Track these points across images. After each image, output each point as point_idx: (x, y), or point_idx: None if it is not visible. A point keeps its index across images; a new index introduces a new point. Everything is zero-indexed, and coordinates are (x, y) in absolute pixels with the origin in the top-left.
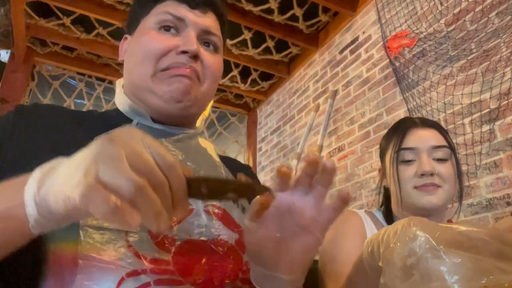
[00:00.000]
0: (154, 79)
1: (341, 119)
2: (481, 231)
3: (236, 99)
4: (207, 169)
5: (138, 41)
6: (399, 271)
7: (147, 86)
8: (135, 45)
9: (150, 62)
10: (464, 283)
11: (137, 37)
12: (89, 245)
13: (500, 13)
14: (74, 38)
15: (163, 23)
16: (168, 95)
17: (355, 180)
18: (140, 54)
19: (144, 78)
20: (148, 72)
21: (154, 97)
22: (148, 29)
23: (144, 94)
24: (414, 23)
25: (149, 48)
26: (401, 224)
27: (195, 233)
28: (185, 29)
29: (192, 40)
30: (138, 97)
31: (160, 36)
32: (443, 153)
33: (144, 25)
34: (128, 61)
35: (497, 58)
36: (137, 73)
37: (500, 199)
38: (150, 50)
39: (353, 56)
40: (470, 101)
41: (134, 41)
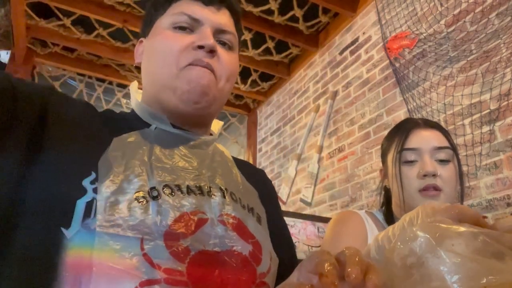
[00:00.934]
0: (176, 79)
1: (341, 120)
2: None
3: (236, 100)
4: (222, 177)
5: (153, 42)
6: (399, 270)
7: (170, 85)
8: (152, 46)
9: (170, 61)
10: (464, 283)
11: (152, 37)
12: (104, 252)
13: (500, 14)
14: (74, 39)
15: (178, 24)
16: (186, 95)
17: (355, 181)
18: (158, 55)
19: (167, 78)
20: (171, 72)
21: (173, 97)
22: (163, 29)
23: (165, 94)
24: (414, 24)
25: (165, 47)
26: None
27: (210, 243)
28: (200, 27)
29: (208, 36)
30: (158, 98)
31: (175, 34)
32: (446, 154)
33: (159, 25)
34: (147, 63)
35: (497, 59)
36: (159, 73)
37: (500, 200)
38: (168, 50)
39: (353, 57)
40: (470, 102)
41: (150, 43)
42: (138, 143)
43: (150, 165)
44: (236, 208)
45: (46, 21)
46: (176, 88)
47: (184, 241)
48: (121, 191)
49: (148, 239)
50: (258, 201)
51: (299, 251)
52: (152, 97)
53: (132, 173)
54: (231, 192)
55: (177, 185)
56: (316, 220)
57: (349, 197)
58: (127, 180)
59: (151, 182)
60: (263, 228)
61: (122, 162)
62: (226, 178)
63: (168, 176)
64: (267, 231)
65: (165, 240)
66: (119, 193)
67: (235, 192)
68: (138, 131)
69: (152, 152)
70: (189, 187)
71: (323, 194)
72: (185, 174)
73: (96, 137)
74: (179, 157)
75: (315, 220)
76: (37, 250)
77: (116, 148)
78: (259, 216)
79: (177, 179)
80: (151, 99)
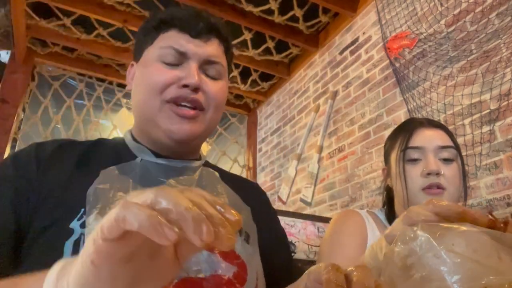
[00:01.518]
0: (159, 113)
1: (341, 120)
2: (483, 231)
3: (236, 100)
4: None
5: (142, 73)
6: (399, 270)
7: (153, 119)
8: (140, 76)
9: (155, 95)
10: (464, 283)
11: (141, 67)
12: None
13: (500, 14)
14: (75, 39)
15: (165, 58)
16: (170, 133)
17: (355, 181)
18: (145, 86)
19: (151, 111)
20: (154, 105)
21: (158, 131)
22: (151, 61)
23: (149, 127)
24: (414, 24)
25: (152, 80)
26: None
27: (193, 270)
28: (186, 60)
29: (193, 73)
30: (143, 129)
31: (162, 68)
32: (449, 153)
33: (147, 56)
34: (135, 92)
35: (497, 59)
36: (144, 106)
37: (500, 200)
38: (153, 83)
39: (353, 57)
40: (470, 102)
41: (138, 71)
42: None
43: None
44: None
45: (46, 21)
46: (159, 123)
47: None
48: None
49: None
50: (249, 218)
51: (299, 250)
52: (139, 128)
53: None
54: None
55: None
56: (316, 220)
57: (349, 197)
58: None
59: None
60: (251, 246)
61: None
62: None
63: None
64: (256, 248)
65: None
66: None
67: None
68: (124, 164)
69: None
70: None
71: (323, 194)
72: None
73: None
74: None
75: (315, 220)
76: None
77: (103, 181)
78: (248, 234)
79: None
80: (137, 130)
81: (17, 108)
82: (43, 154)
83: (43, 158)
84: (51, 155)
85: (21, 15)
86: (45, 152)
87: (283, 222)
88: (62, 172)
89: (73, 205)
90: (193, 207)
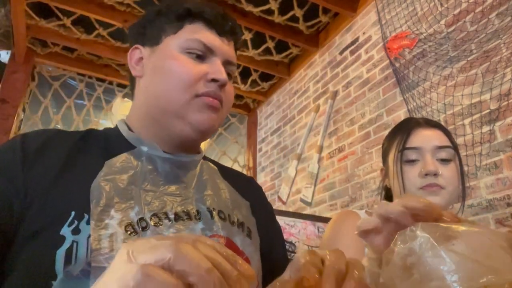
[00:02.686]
0: (187, 106)
1: (341, 120)
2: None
3: (236, 100)
4: (209, 196)
5: (164, 63)
6: (399, 270)
7: (177, 112)
8: (161, 67)
9: (184, 89)
10: (464, 283)
11: (162, 57)
12: None
13: (500, 14)
14: (75, 39)
15: (192, 50)
16: (197, 125)
17: (355, 181)
18: (171, 78)
19: (178, 104)
20: (182, 99)
21: (182, 123)
22: (176, 52)
23: (170, 119)
24: (414, 24)
25: (181, 74)
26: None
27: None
28: (212, 56)
29: (221, 70)
30: (156, 120)
31: (191, 62)
32: (447, 153)
33: (169, 45)
34: (150, 82)
35: (497, 59)
36: (168, 98)
37: (500, 200)
38: (183, 77)
39: (353, 57)
40: (470, 102)
41: (158, 62)
42: (130, 166)
43: (139, 192)
44: (225, 226)
45: (46, 21)
46: (186, 115)
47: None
48: (109, 222)
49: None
50: (248, 213)
51: (299, 251)
52: (149, 118)
53: (122, 203)
54: (219, 210)
55: (164, 212)
56: (316, 220)
57: (349, 197)
58: (118, 210)
59: (140, 212)
60: (252, 242)
61: (111, 190)
62: (213, 196)
63: (156, 204)
64: (257, 243)
65: None
66: (107, 224)
67: (224, 210)
68: (128, 153)
69: (143, 177)
70: (177, 213)
71: (323, 194)
72: (173, 199)
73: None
74: (169, 182)
75: (315, 220)
76: None
77: (107, 173)
78: (249, 229)
79: (165, 206)
80: (147, 121)
81: (17, 108)
82: (29, 148)
83: (29, 152)
84: (38, 149)
85: (21, 15)
86: (31, 145)
87: (283, 222)
88: (50, 168)
89: (63, 208)
90: (213, 270)
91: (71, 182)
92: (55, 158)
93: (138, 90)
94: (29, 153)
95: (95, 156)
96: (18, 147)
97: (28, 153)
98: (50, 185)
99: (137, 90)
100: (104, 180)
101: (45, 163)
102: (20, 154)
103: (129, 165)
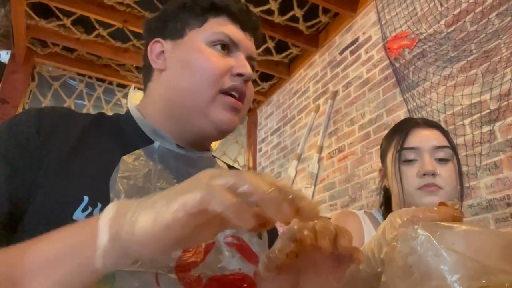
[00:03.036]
0: (212, 102)
1: (341, 120)
2: (483, 231)
3: None
4: None
5: (190, 56)
6: (400, 269)
7: (202, 108)
8: (186, 59)
9: (211, 83)
10: (464, 282)
11: (188, 51)
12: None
13: (500, 14)
14: (74, 39)
15: (219, 43)
16: (220, 124)
17: (355, 181)
18: (197, 72)
19: (203, 100)
20: (209, 94)
21: (204, 120)
22: (202, 45)
23: (193, 114)
24: (414, 24)
25: (209, 68)
26: (383, 225)
27: (218, 267)
28: (236, 51)
29: (246, 64)
30: (175, 115)
31: (217, 55)
32: (445, 153)
33: (195, 38)
34: (174, 75)
35: (497, 59)
36: (194, 93)
37: (500, 200)
38: (210, 71)
39: (353, 57)
40: (470, 102)
41: (182, 54)
42: (144, 164)
43: (154, 191)
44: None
45: (46, 21)
46: (209, 113)
47: (195, 271)
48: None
49: (161, 274)
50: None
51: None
52: (169, 112)
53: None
54: None
55: None
56: None
57: (349, 197)
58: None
59: None
60: (263, 242)
61: (130, 188)
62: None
63: None
64: (266, 243)
65: (177, 272)
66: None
67: None
68: (142, 150)
69: (157, 175)
70: None
71: (323, 194)
72: None
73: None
74: (182, 179)
75: None
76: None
77: (124, 170)
78: (260, 233)
79: None
80: (166, 115)
81: (17, 108)
82: (45, 122)
83: (46, 126)
84: (54, 125)
85: (21, 15)
86: (47, 120)
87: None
88: (63, 147)
89: (75, 192)
90: (273, 189)
91: (83, 166)
92: (66, 137)
93: (158, 83)
94: (45, 127)
95: (108, 142)
96: (33, 121)
97: (44, 127)
98: (62, 164)
99: (156, 83)
100: (123, 178)
101: (58, 141)
102: (35, 129)
103: (144, 162)
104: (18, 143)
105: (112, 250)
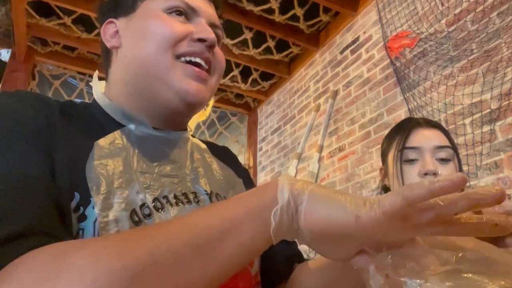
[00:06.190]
0: (171, 70)
1: (341, 119)
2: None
3: (237, 99)
4: (204, 177)
5: (144, 23)
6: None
7: (162, 78)
8: (141, 28)
9: (166, 49)
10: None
11: (142, 19)
12: None
13: (501, 14)
14: (75, 38)
15: (175, 8)
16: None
17: (355, 180)
18: (151, 39)
19: (161, 68)
20: (166, 61)
21: (168, 91)
22: (157, 12)
23: (153, 84)
24: (415, 23)
25: (163, 32)
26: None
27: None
28: (196, 17)
29: (208, 29)
30: (142, 92)
31: (173, 20)
32: (446, 153)
33: (148, 7)
34: (131, 46)
35: (498, 58)
36: (150, 61)
37: None
38: (164, 35)
39: (353, 56)
40: (471, 101)
41: (136, 24)
42: (121, 148)
43: (136, 175)
44: None
45: (46, 19)
46: (171, 82)
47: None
48: (112, 209)
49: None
50: (240, 185)
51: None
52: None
53: (123, 188)
54: (216, 193)
55: (165, 196)
56: None
57: None
58: (120, 197)
59: (140, 198)
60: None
61: (108, 175)
62: (208, 177)
63: (155, 187)
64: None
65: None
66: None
67: (219, 191)
68: (118, 132)
69: (137, 159)
70: (177, 196)
71: None
72: (171, 181)
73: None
74: (163, 162)
75: None
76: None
77: (100, 156)
78: None
79: (164, 189)
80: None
81: None
82: (51, 111)
83: (51, 116)
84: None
85: (22, 14)
86: (51, 109)
87: None
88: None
89: (67, 187)
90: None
91: (64, 159)
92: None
93: (116, 63)
94: (51, 116)
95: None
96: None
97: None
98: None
99: (114, 64)
100: (100, 164)
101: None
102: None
103: (120, 146)
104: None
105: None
